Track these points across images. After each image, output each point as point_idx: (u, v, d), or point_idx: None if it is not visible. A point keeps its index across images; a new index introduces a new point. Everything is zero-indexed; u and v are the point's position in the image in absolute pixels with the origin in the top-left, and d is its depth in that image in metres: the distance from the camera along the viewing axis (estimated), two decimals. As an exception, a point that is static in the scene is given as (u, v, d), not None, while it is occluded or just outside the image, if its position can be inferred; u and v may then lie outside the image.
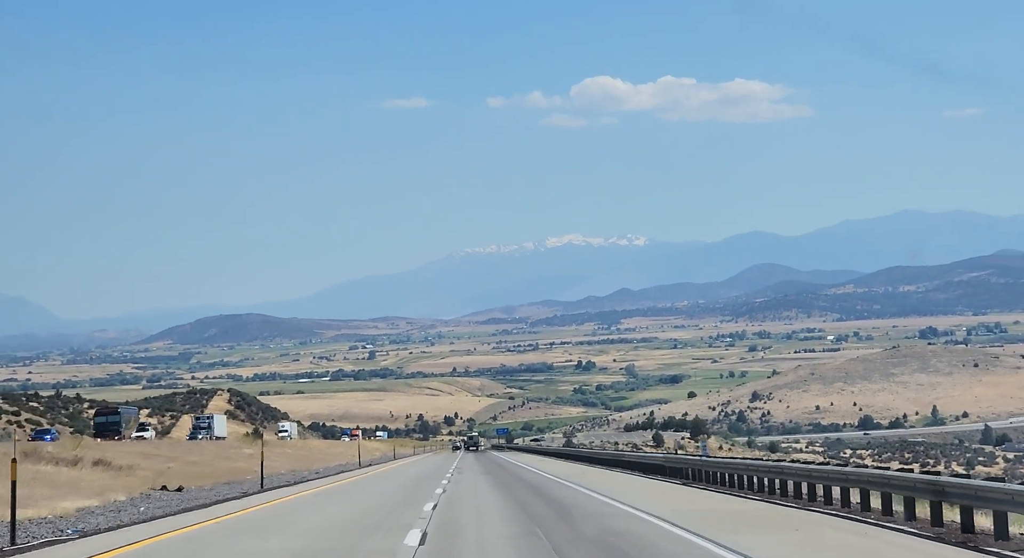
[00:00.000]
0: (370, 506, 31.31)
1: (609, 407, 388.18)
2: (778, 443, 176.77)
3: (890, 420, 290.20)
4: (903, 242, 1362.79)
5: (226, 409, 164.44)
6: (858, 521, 23.46)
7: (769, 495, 31.40)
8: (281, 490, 40.67)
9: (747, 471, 34.26)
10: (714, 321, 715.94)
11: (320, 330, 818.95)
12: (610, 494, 33.63)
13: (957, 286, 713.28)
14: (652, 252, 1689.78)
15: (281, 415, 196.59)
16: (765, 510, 27.10)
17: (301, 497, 35.81)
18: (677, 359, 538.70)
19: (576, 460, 79.93)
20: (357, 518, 26.72)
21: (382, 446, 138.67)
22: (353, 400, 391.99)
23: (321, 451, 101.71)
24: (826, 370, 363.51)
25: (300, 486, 43.73)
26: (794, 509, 26.88)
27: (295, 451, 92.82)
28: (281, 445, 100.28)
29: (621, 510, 27.33)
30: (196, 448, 76.76)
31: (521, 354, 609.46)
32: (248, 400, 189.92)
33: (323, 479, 51.27)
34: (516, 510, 28.04)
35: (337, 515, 27.73)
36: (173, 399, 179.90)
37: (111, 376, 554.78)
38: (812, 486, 28.84)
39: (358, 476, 54.72)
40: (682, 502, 30.46)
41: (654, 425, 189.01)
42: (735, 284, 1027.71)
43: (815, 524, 23.13)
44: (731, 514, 26.32)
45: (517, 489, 38.48)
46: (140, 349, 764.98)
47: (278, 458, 73.46)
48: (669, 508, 27.29)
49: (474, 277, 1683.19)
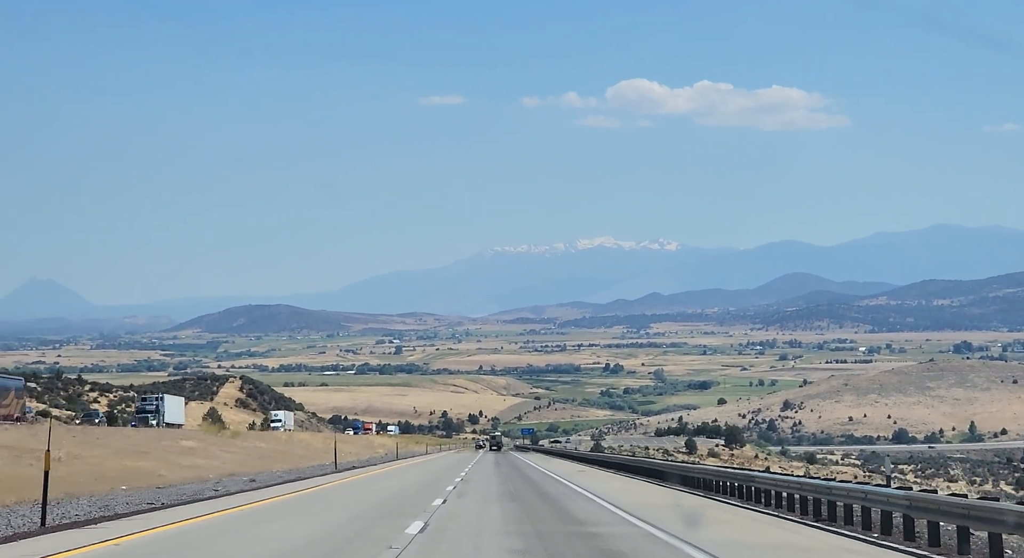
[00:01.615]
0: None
1: (636, 411, 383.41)
2: (813, 454, 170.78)
3: (925, 434, 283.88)
4: (937, 256, 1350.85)
5: (237, 397, 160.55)
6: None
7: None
8: (83, 531, 21.90)
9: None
10: (744, 329, 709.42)
11: (348, 323, 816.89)
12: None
13: (992, 301, 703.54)
14: (683, 257, 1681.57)
15: (295, 406, 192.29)
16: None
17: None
18: (706, 365, 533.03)
19: (613, 468, 69.64)
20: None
21: (389, 443, 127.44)
22: (377, 394, 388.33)
23: (305, 446, 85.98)
24: (860, 381, 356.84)
25: (146, 517, 25.26)
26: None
27: (271, 445, 78.71)
28: (258, 438, 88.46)
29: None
30: (114, 437, 59.26)
31: (548, 355, 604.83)
32: (261, 389, 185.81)
33: (226, 498, 32.59)
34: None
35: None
36: (182, 384, 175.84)
37: (138, 362, 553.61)
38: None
39: (293, 494, 34.97)
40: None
41: (686, 431, 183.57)
42: (766, 292, 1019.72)
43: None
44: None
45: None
46: (169, 336, 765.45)
47: (236, 453, 62.39)
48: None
49: (503, 276, 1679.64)
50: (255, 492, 36.35)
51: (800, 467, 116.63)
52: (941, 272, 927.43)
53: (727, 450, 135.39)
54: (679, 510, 30.42)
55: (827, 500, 27.40)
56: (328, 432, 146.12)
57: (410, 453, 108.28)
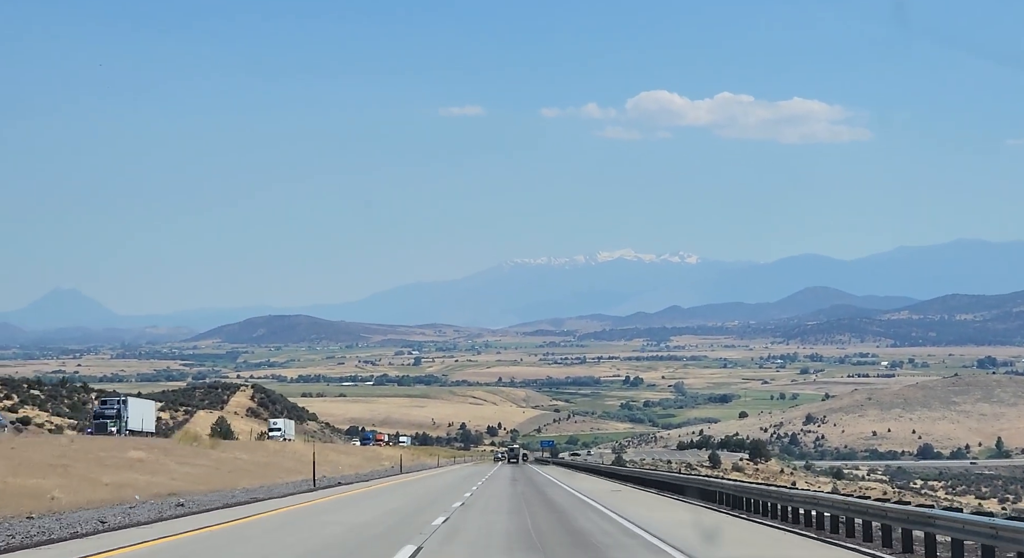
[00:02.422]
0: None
1: (656, 424, 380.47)
2: (840, 469, 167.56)
3: (951, 450, 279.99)
4: (960, 270, 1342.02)
5: (248, 406, 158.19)
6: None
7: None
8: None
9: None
10: (765, 342, 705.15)
11: (367, 334, 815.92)
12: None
13: (1017, 317, 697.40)
14: (704, 271, 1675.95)
15: (308, 416, 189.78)
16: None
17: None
18: (727, 378, 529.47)
19: (654, 487, 57.79)
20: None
21: (398, 455, 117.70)
22: (395, 405, 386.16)
23: (297, 458, 74.46)
24: (883, 395, 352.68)
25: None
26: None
27: (254, 457, 67.92)
28: (244, 448, 77.76)
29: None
30: (37, 447, 50.16)
31: (568, 367, 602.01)
32: (273, 398, 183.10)
33: (113, 534, 25.01)
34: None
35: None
36: (192, 393, 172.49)
37: (158, 372, 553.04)
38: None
39: (175, 537, 24.62)
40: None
41: (710, 444, 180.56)
42: (787, 306, 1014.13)
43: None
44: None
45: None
46: (189, 346, 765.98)
47: (200, 467, 52.96)
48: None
49: (523, 288, 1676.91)
50: (135, 530, 25.96)
51: (827, 483, 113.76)
52: (964, 287, 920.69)
53: (751, 464, 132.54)
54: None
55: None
56: (340, 443, 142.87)
57: (420, 466, 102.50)
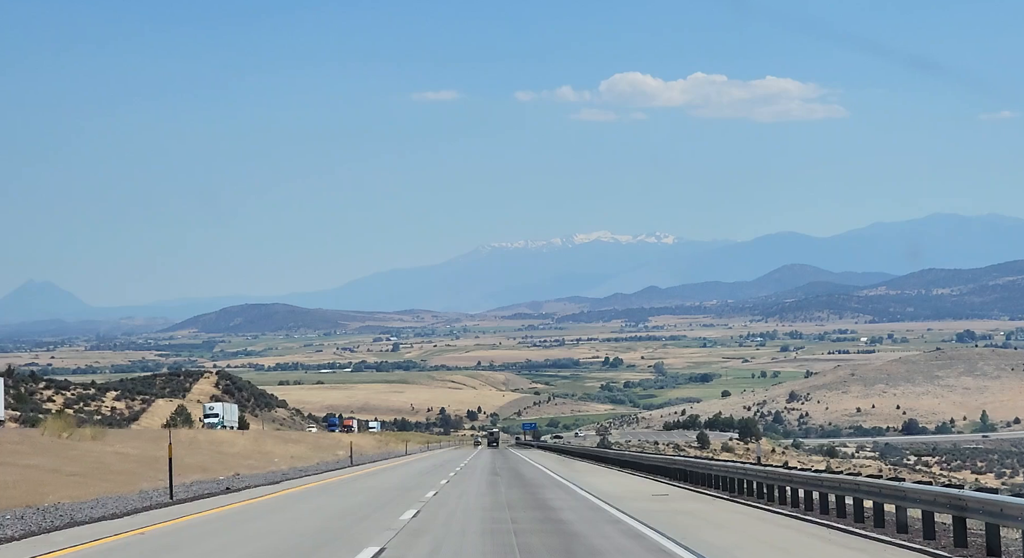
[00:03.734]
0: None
1: (638, 405, 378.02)
2: (834, 447, 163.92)
3: (936, 424, 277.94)
4: (936, 245, 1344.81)
5: (212, 394, 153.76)
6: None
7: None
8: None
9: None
10: (744, 321, 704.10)
11: (345, 322, 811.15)
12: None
13: (993, 290, 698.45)
14: (680, 251, 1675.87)
15: (278, 403, 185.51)
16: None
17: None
18: (707, 358, 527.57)
19: (707, 486, 39.31)
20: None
21: (363, 442, 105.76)
22: (373, 391, 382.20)
23: (214, 451, 58.37)
24: (867, 371, 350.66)
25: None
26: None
27: (145, 451, 47.82)
28: (147, 439, 57.40)
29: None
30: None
31: (547, 349, 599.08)
32: (239, 385, 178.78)
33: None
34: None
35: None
36: (152, 381, 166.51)
37: (133, 363, 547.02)
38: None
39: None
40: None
41: (697, 425, 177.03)
42: (764, 284, 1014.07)
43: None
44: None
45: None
46: (164, 337, 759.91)
47: (31, 468, 34.78)
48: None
49: (501, 272, 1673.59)
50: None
51: (820, 461, 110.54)
52: (940, 261, 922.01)
53: (741, 444, 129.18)
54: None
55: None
56: (302, 431, 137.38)
57: (385, 454, 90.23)
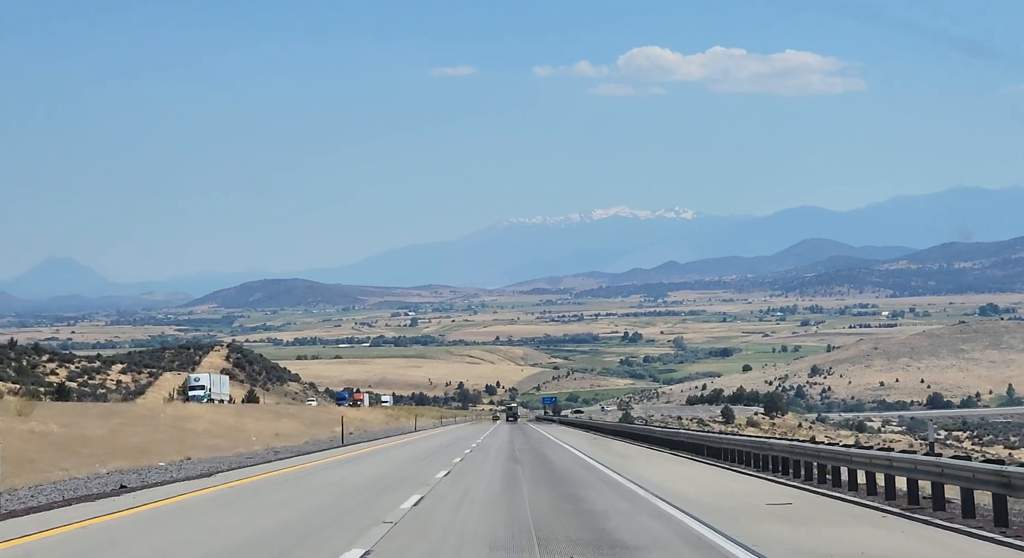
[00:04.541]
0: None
1: (657, 379, 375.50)
2: (862, 421, 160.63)
3: (962, 398, 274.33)
4: (957, 218, 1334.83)
5: (222, 367, 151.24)
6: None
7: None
8: None
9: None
10: (763, 295, 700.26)
11: (363, 297, 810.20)
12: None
13: (1016, 263, 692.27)
14: (700, 226, 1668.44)
15: (290, 376, 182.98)
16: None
17: None
18: (726, 332, 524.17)
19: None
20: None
21: (370, 418, 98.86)
22: (391, 366, 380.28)
23: (178, 429, 49.03)
24: (890, 345, 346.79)
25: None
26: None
27: (86, 430, 40.19)
28: (85, 416, 47.58)
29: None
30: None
31: (566, 324, 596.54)
32: (250, 358, 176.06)
33: None
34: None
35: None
36: (161, 355, 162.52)
37: (152, 338, 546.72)
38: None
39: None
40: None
41: (720, 399, 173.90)
42: (784, 259, 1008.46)
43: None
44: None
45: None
46: (184, 312, 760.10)
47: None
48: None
49: (519, 247, 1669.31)
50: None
51: (848, 436, 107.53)
52: (958, 236, 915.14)
53: (767, 419, 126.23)
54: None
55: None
56: (328, 405, 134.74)
57: (393, 430, 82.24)
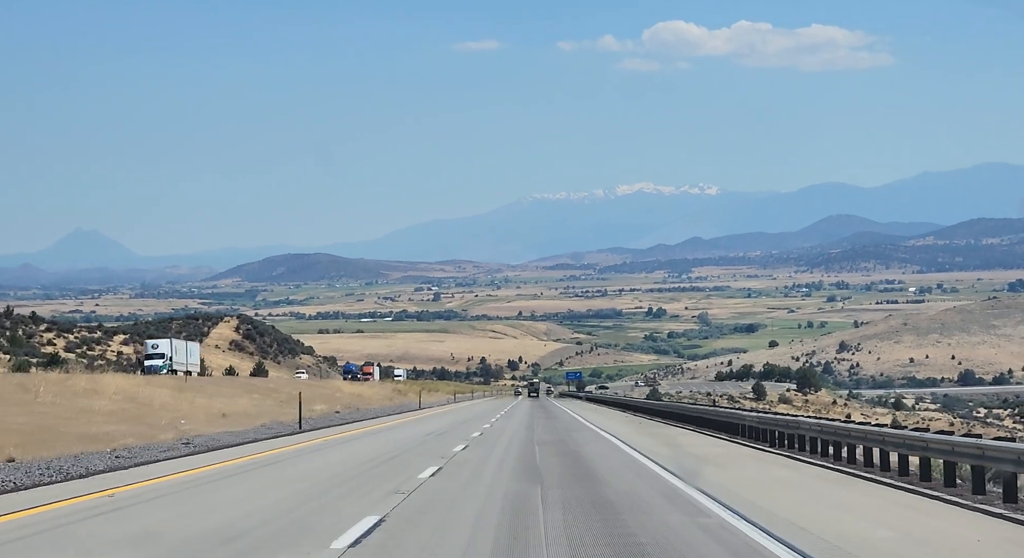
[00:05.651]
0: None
1: (682, 355, 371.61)
2: (899, 399, 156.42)
3: (994, 375, 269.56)
4: (985, 194, 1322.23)
5: (232, 339, 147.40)
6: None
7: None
8: None
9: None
10: (788, 271, 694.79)
11: (386, 271, 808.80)
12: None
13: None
14: (724, 201, 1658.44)
15: (303, 349, 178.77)
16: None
17: None
18: (751, 308, 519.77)
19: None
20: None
21: (370, 394, 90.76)
22: (413, 340, 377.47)
23: (87, 409, 38.78)
24: (920, 321, 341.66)
25: None
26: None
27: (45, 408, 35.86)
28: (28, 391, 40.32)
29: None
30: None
31: (589, 300, 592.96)
32: (261, 329, 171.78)
33: None
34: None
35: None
36: (168, 326, 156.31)
37: (176, 311, 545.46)
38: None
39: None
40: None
41: (752, 375, 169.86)
42: (810, 235, 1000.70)
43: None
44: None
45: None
46: (208, 286, 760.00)
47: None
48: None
49: (542, 223, 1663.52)
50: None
51: (885, 414, 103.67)
52: (989, 211, 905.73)
53: (799, 395, 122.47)
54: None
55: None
56: (330, 379, 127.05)
57: (394, 409, 73.47)
